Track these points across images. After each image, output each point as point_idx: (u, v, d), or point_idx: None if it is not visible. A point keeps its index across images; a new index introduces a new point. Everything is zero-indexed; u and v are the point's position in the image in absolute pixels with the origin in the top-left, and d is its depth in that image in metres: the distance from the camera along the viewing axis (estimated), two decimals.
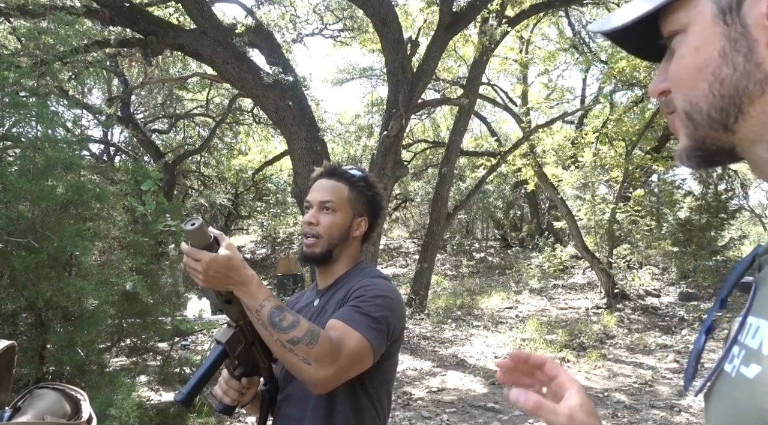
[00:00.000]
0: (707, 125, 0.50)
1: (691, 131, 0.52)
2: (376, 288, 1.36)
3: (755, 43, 0.47)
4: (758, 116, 0.48)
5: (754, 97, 0.48)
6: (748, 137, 0.49)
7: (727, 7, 0.48)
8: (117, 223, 3.68)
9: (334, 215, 1.43)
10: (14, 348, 1.16)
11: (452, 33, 7.48)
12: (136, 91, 12.04)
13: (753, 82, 0.47)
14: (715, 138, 0.51)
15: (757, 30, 0.47)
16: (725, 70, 0.48)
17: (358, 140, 15.26)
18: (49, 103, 3.42)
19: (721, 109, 0.49)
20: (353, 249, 1.48)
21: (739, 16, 0.48)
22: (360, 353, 1.25)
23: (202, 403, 4.35)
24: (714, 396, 0.51)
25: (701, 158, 0.53)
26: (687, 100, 0.51)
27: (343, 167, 1.49)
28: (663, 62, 0.55)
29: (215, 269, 1.12)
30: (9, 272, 2.99)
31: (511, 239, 16.52)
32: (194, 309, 7.40)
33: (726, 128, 0.50)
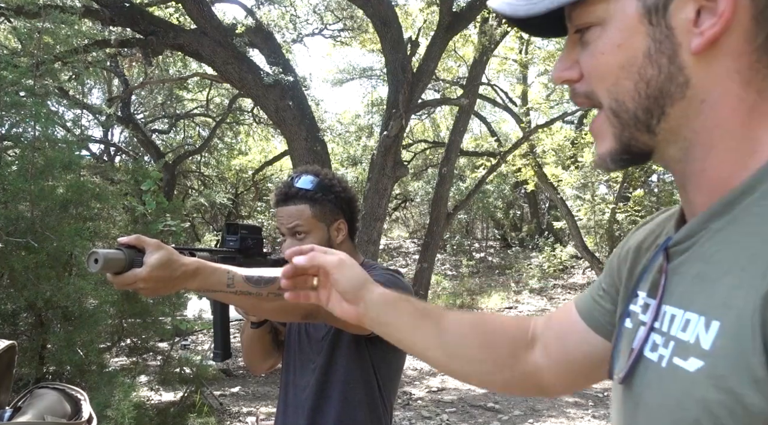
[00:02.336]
0: (633, 125, 0.51)
1: (619, 131, 0.53)
2: (387, 272, 1.39)
3: (679, 46, 0.48)
4: (676, 118, 0.50)
5: (675, 100, 0.49)
6: (666, 138, 0.51)
7: (653, 7, 0.48)
8: (117, 223, 3.68)
9: (309, 237, 1.40)
10: (14, 347, 1.16)
11: (452, 33, 7.48)
12: (136, 91, 12.05)
13: (675, 85, 0.49)
14: (640, 139, 0.52)
15: (682, 34, 0.48)
16: (651, 71, 0.49)
17: (358, 140, 15.26)
18: (47, 103, 3.42)
19: (646, 109, 0.50)
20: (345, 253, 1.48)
21: (665, 18, 0.48)
22: None
23: (202, 403, 4.36)
24: (638, 383, 0.53)
25: (625, 161, 0.53)
26: (612, 98, 0.52)
27: (295, 184, 1.41)
28: (567, 49, 0.55)
29: (153, 278, 0.98)
30: (9, 273, 2.99)
31: (511, 239, 16.51)
32: (194, 309, 7.39)
33: (649, 129, 0.51)
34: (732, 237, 0.47)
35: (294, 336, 1.48)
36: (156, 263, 0.97)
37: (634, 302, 0.59)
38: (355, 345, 1.36)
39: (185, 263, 1.02)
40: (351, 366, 1.36)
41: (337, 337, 1.37)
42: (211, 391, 4.86)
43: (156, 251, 0.99)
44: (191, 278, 1.02)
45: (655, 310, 0.53)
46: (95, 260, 0.95)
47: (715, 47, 0.47)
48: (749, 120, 0.48)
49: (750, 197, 0.46)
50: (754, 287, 0.42)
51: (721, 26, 0.46)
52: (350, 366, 1.36)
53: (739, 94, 0.48)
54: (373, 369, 1.37)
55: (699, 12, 0.47)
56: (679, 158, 0.52)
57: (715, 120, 0.49)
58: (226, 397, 5.26)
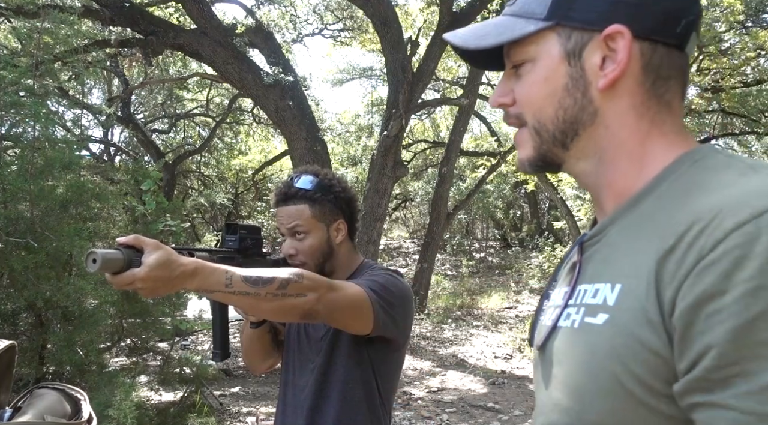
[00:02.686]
0: (551, 141, 0.66)
1: (538, 145, 0.67)
2: (389, 274, 1.38)
3: (590, 84, 0.63)
4: (586, 139, 0.64)
5: (586, 125, 0.64)
6: (576, 154, 0.66)
7: (572, 52, 0.63)
8: (117, 223, 3.68)
9: (309, 237, 1.41)
10: (14, 348, 1.16)
11: None
12: (136, 91, 12.04)
13: (586, 114, 0.63)
14: (554, 153, 0.67)
15: (592, 75, 0.62)
16: (568, 101, 0.64)
17: (358, 140, 15.26)
18: (47, 103, 3.42)
19: (563, 131, 0.65)
20: (344, 254, 1.48)
21: (580, 61, 0.63)
22: (357, 299, 1.23)
23: (202, 403, 4.35)
24: (551, 347, 0.65)
25: (539, 167, 0.69)
26: (536, 120, 0.66)
27: (294, 184, 1.42)
28: (504, 80, 0.70)
29: (151, 278, 0.98)
30: (8, 272, 2.99)
31: (511, 239, 16.51)
32: (194, 309, 7.39)
33: (563, 146, 0.66)
34: (632, 227, 0.60)
35: (293, 335, 1.48)
36: (154, 263, 0.97)
37: (552, 287, 0.73)
38: (354, 345, 1.36)
39: (184, 263, 1.02)
40: (350, 366, 1.36)
41: (336, 337, 1.37)
42: (211, 391, 4.86)
43: (154, 251, 0.99)
44: (190, 278, 1.02)
45: (570, 291, 0.65)
46: (93, 260, 0.95)
47: (616, 87, 0.62)
48: (643, 143, 0.63)
49: (648, 197, 0.60)
50: (649, 255, 0.54)
51: (619, 71, 0.61)
52: (349, 366, 1.36)
53: (634, 123, 0.63)
54: (372, 369, 1.37)
55: (604, 59, 0.62)
56: (590, 172, 0.66)
57: (616, 142, 0.63)
58: (226, 397, 5.26)
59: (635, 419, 0.53)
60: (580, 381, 0.58)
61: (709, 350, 0.47)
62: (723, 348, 0.47)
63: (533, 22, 0.64)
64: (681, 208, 0.54)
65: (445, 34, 0.72)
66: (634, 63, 0.61)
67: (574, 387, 0.59)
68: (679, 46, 0.62)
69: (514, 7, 0.67)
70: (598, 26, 0.61)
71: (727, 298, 0.47)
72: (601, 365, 0.55)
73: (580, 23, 0.62)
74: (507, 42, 0.65)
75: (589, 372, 0.57)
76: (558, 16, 0.63)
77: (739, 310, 0.46)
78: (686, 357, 0.49)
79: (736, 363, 0.46)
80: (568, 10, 0.62)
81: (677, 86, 0.64)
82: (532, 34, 0.64)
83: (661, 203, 0.58)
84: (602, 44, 0.61)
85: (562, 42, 0.63)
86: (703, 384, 0.48)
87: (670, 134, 0.63)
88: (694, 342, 0.49)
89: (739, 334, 0.46)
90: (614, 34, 0.60)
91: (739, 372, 0.46)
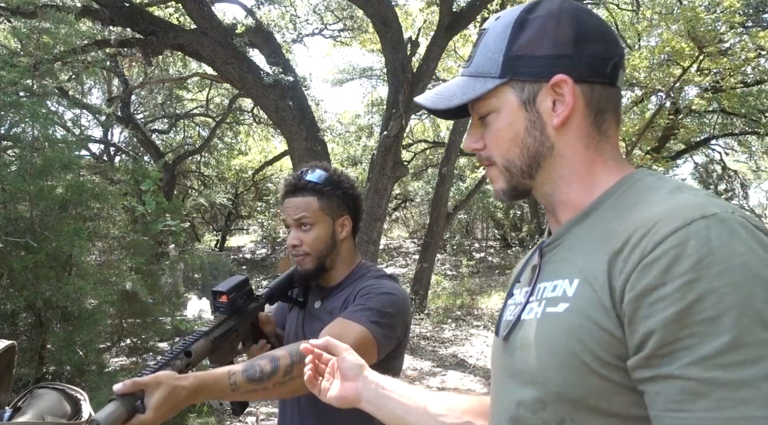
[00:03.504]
0: (520, 175, 0.79)
1: (508, 179, 0.80)
2: (382, 286, 1.37)
3: (545, 124, 0.75)
4: (547, 168, 0.77)
5: (546, 157, 0.77)
6: (541, 181, 0.79)
7: (527, 100, 0.76)
8: (117, 223, 3.68)
9: (314, 229, 1.41)
10: (14, 348, 1.16)
11: (452, 33, 7.47)
12: (136, 91, 12.04)
13: (545, 148, 0.76)
14: (523, 183, 0.79)
15: (546, 116, 0.75)
16: (529, 141, 0.76)
17: (358, 140, 15.25)
18: (46, 103, 3.42)
19: (529, 165, 0.77)
20: (346, 250, 1.48)
21: (534, 106, 0.75)
22: (361, 344, 1.22)
23: (202, 403, 4.35)
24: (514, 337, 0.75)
25: (513, 196, 0.81)
26: (505, 159, 0.79)
27: (304, 177, 1.43)
28: (473, 128, 0.82)
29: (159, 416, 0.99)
30: (8, 273, 2.99)
31: (511, 239, 16.50)
32: (194, 309, 7.39)
33: (530, 177, 0.78)
34: (585, 234, 0.72)
35: (292, 339, 1.48)
36: (157, 404, 0.99)
37: (516, 288, 0.82)
38: None
39: (186, 386, 1.03)
40: None
41: None
42: None
43: (155, 391, 0.99)
44: (195, 395, 1.06)
45: (531, 289, 0.75)
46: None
47: (567, 124, 0.75)
48: (591, 168, 0.76)
49: (597, 210, 0.73)
50: (601, 255, 0.65)
51: (569, 111, 0.74)
52: None
53: (584, 152, 0.76)
54: None
55: (554, 102, 0.75)
56: (550, 193, 0.79)
57: (570, 169, 0.77)
58: None
59: (592, 388, 0.63)
60: (543, 359, 0.68)
61: (654, 331, 0.58)
62: (666, 329, 0.57)
63: (490, 81, 0.77)
64: (626, 218, 0.67)
65: (416, 98, 0.85)
66: (579, 102, 0.74)
67: (538, 365, 0.69)
68: (611, 82, 0.75)
69: (470, 68, 0.80)
70: (544, 78, 0.74)
71: (667, 288, 0.57)
72: (562, 344, 0.66)
73: (530, 77, 0.75)
74: (472, 100, 0.78)
75: (551, 350, 0.67)
76: (509, 73, 0.76)
77: (678, 298, 0.57)
78: (635, 337, 0.59)
79: (677, 340, 0.56)
80: (517, 68, 0.75)
81: (612, 117, 0.77)
82: (491, 90, 0.77)
83: (608, 215, 0.71)
84: (551, 91, 0.74)
85: (517, 93, 0.76)
86: (651, 361, 0.58)
87: (610, 160, 0.77)
88: (640, 324, 0.59)
89: (679, 317, 0.56)
90: (559, 82, 0.74)
91: (681, 347, 0.56)
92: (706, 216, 0.60)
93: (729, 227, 0.59)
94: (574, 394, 0.65)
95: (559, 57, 0.74)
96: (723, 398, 0.54)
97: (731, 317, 0.55)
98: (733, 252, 0.57)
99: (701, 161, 15.81)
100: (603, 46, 0.75)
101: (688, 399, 0.55)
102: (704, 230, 0.58)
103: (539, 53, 0.74)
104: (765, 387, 0.53)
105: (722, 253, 0.57)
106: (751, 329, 0.55)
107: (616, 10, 11.05)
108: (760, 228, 0.61)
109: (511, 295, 0.83)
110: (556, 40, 0.74)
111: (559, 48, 0.74)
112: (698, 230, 0.59)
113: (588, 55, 0.74)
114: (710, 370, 0.54)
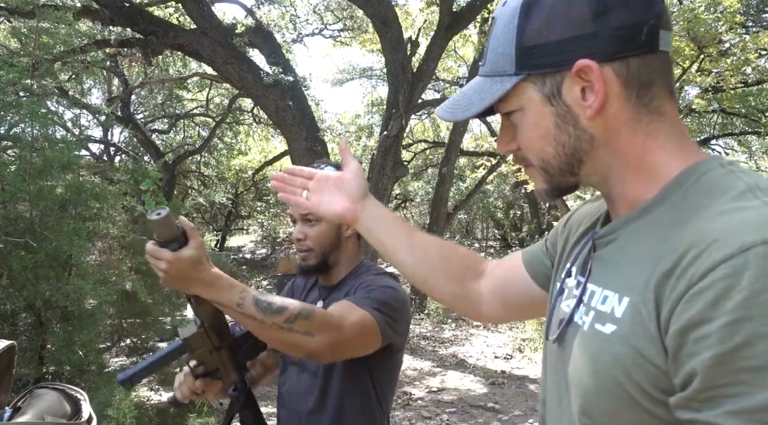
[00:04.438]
0: (559, 174, 0.72)
1: (548, 179, 0.73)
2: (384, 281, 1.37)
3: (578, 116, 0.67)
4: (591, 162, 0.69)
5: (586, 152, 0.69)
6: (587, 174, 0.71)
7: (550, 94, 0.67)
8: (116, 223, 3.67)
9: (320, 225, 1.41)
10: (14, 348, 1.16)
11: (452, 33, 7.47)
12: (136, 91, 12.04)
13: (583, 142, 0.68)
14: (565, 181, 0.73)
15: (577, 107, 0.67)
16: (563, 137, 0.69)
17: (358, 140, 15.24)
18: (45, 103, 3.42)
19: (568, 162, 0.70)
20: (349, 249, 1.48)
21: (561, 98, 0.67)
22: (364, 326, 1.22)
23: (201, 403, 4.35)
24: (567, 342, 0.70)
25: (556, 195, 0.75)
26: (540, 159, 0.72)
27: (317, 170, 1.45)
28: (504, 129, 0.75)
29: (177, 268, 1.04)
30: (8, 273, 2.99)
31: (511, 239, 16.50)
32: None
33: (572, 174, 0.71)
34: (640, 236, 0.65)
35: None
36: (193, 254, 1.04)
37: (569, 277, 0.77)
38: None
39: (208, 270, 1.06)
40: (347, 370, 1.35)
41: None
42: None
43: (198, 249, 1.05)
44: (208, 285, 1.08)
45: (583, 287, 0.70)
46: (158, 213, 0.99)
47: (603, 111, 0.66)
48: (643, 155, 0.67)
49: (658, 207, 0.64)
50: (652, 274, 0.59)
51: (600, 100, 0.65)
52: (347, 370, 1.35)
53: (630, 138, 0.67)
54: (370, 374, 1.37)
55: (584, 90, 0.66)
56: (601, 184, 0.72)
57: (619, 159, 0.68)
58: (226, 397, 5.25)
59: (633, 419, 0.60)
60: (586, 381, 0.64)
61: (697, 372, 0.52)
62: (708, 372, 0.51)
63: (507, 79, 0.69)
64: (683, 227, 0.59)
65: (437, 110, 0.79)
66: (612, 84, 0.65)
67: (580, 384, 0.65)
68: (651, 49, 0.65)
69: (485, 67, 0.73)
70: (566, 66, 0.65)
71: (713, 326, 0.51)
72: (606, 370, 0.61)
73: (549, 68, 0.67)
74: (491, 105, 0.71)
75: (594, 374, 0.63)
76: (526, 68, 0.68)
77: (723, 338, 0.50)
78: (678, 375, 0.55)
79: (720, 386, 0.51)
80: (532, 61, 0.67)
81: (662, 88, 0.67)
82: (509, 90, 0.69)
83: (666, 217, 0.63)
84: (576, 79, 0.66)
85: (538, 88, 0.68)
86: (692, 404, 0.53)
87: (669, 143, 0.67)
88: (683, 363, 0.54)
89: (723, 360, 0.50)
90: (584, 67, 0.64)
91: (723, 394, 0.51)
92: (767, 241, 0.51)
93: None
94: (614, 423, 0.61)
95: (577, 38, 0.64)
96: None
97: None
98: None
99: None
100: (629, 11, 0.63)
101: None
102: (764, 260, 0.50)
103: (555, 38, 0.65)
104: None
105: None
106: None
107: None
108: None
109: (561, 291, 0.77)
110: (571, 20, 0.64)
111: (576, 28, 0.64)
112: (757, 258, 0.50)
113: (613, 27, 0.63)
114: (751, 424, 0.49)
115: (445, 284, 0.98)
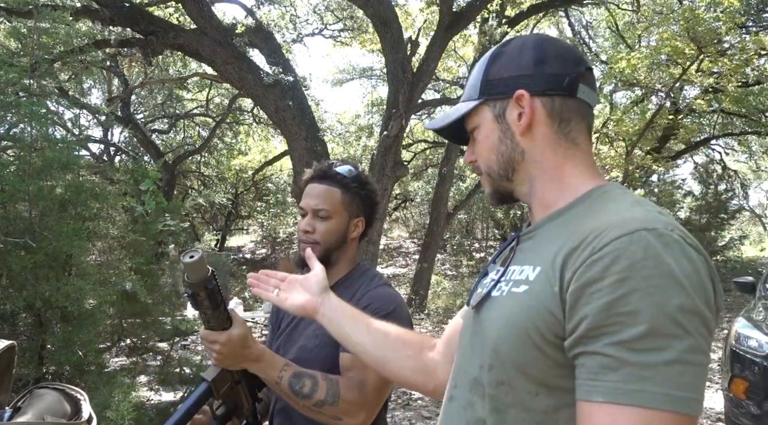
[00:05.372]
0: (499, 179, 0.93)
1: (491, 183, 0.94)
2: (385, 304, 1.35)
3: (514, 133, 0.89)
4: (522, 171, 0.90)
5: (519, 162, 0.90)
6: (518, 182, 0.92)
7: (498, 114, 0.90)
8: (116, 223, 3.67)
9: (330, 221, 1.41)
10: (14, 348, 1.15)
11: (452, 33, 7.47)
12: (136, 91, 12.04)
13: (517, 154, 0.90)
14: (504, 186, 0.93)
15: (514, 126, 0.89)
16: (502, 148, 0.90)
17: (358, 140, 15.24)
18: (45, 103, 3.41)
19: (505, 169, 0.91)
20: (351, 250, 1.48)
21: (505, 118, 0.90)
22: (383, 384, 1.29)
23: None
24: (485, 309, 0.87)
25: (498, 199, 0.96)
26: (486, 166, 0.94)
27: (334, 168, 1.44)
28: (469, 145, 0.97)
29: (230, 348, 1.17)
30: (7, 273, 2.98)
31: None
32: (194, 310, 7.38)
33: (508, 179, 0.92)
34: (555, 230, 0.83)
35: (289, 337, 1.47)
36: (243, 333, 1.19)
37: (491, 268, 0.95)
38: None
39: (254, 346, 1.21)
40: None
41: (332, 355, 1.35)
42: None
43: (243, 327, 1.20)
44: (255, 362, 1.24)
45: (503, 270, 0.88)
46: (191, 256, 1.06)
47: (532, 131, 0.88)
48: (561, 172, 0.88)
49: (569, 212, 0.84)
50: (562, 249, 0.77)
51: (527, 119, 0.87)
52: None
53: (552, 157, 0.88)
54: None
55: (520, 114, 0.88)
56: (527, 192, 0.92)
57: (541, 171, 0.89)
58: None
59: (531, 359, 0.76)
60: (501, 331, 0.81)
61: (587, 316, 0.70)
62: (596, 315, 0.69)
63: (472, 102, 0.93)
64: (587, 222, 0.78)
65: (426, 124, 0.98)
66: (540, 112, 0.87)
67: (496, 335, 0.82)
68: (570, 94, 0.87)
69: (463, 96, 0.97)
70: (509, 94, 0.88)
71: (605, 282, 0.69)
72: (516, 316, 0.79)
73: (500, 95, 0.90)
74: (458, 118, 0.94)
75: (507, 324, 0.80)
76: (485, 94, 0.91)
77: (610, 291, 0.68)
78: (573, 320, 0.72)
79: (604, 326, 0.68)
80: (490, 89, 0.91)
81: (579, 125, 0.88)
82: (472, 109, 0.93)
83: (576, 218, 0.82)
84: (515, 104, 0.88)
85: (492, 109, 0.91)
86: (582, 340, 0.71)
87: (581, 166, 0.89)
88: (579, 310, 0.71)
89: (608, 306, 0.68)
90: (519, 96, 0.87)
91: (606, 331, 0.68)
92: (648, 229, 0.71)
93: (664, 241, 0.70)
94: (517, 362, 0.78)
95: (521, 76, 0.88)
96: (629, 374, 0.66)
97: (648, 313, 0.66)
98: (662, 261, 0.68)
99: (701, 161, 15.80)
100: (561, 64, 0.87)
101: (603, 371, 0.68)
102: (643, 240, 0.70)
103: (506, 75, 0.90)
104: (663, 371, 0.66)
105: (653, 260, 0.68)
106: (662, 324, 0.66)
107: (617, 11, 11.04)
108: (693, 245, 0.72)
109: (485, 274, 0.96)
110: (519, 64, 0.89)
111: (521, 69, 0.88)
112: (639, 239, 0.70)
113: (546, 73, 0.87)
114: (624, 352, 0.67)
115: (404, 360, 1.10)
